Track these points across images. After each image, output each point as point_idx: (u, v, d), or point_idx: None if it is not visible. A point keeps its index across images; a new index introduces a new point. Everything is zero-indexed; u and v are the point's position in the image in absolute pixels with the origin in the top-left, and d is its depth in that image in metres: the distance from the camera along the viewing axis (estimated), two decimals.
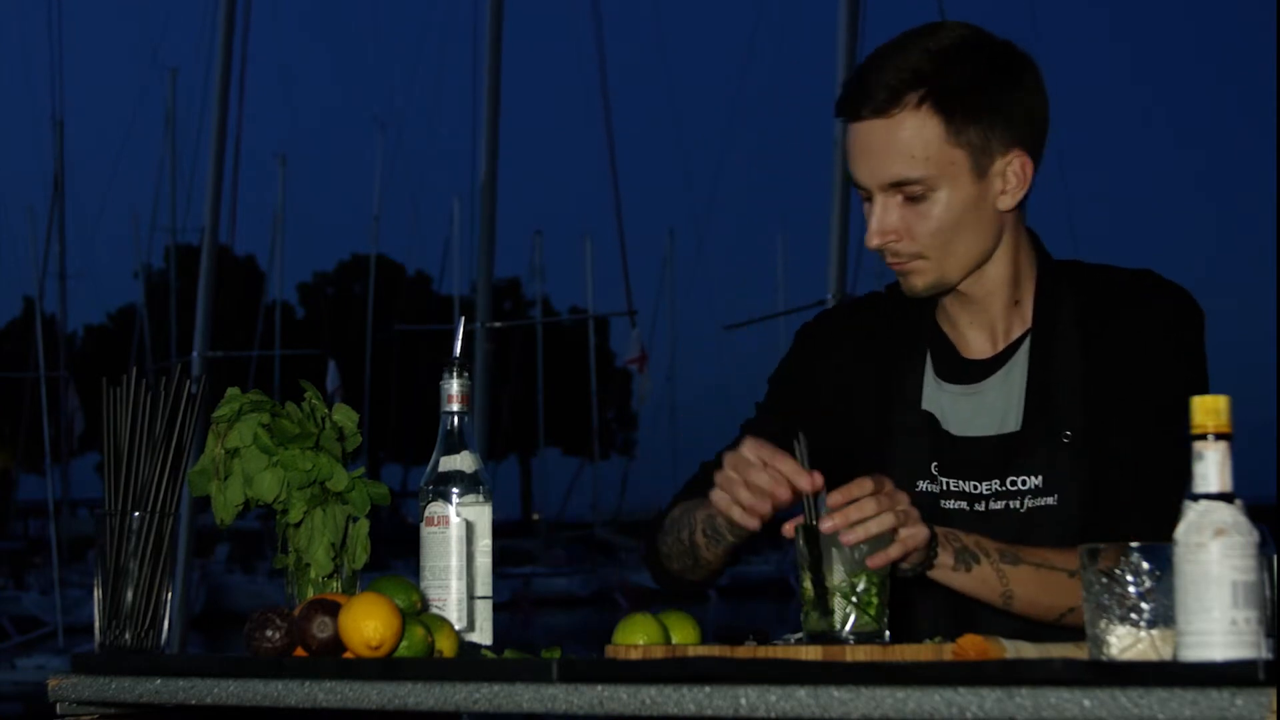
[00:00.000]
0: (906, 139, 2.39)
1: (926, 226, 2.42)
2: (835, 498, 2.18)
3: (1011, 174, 2.44)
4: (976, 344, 2.53)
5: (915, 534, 2.21)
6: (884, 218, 2.43)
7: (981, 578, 2.33)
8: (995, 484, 2.47)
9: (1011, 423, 2.48)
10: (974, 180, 2.42)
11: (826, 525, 2.15)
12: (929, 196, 2.41)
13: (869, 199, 2.45)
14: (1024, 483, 2.45)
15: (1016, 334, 2.51)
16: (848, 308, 2.73)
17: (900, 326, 2.59)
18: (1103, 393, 2.45)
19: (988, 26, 2.49)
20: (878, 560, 2.16)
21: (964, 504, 2.48)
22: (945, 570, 2.32)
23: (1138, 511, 2.36)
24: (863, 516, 2.16)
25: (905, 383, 2.55)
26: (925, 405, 2.53)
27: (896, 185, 2.41)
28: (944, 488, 2.49)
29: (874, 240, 2.44)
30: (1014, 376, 2.49)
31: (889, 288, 2.62)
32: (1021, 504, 2.45)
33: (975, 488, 2.48)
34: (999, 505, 2.46)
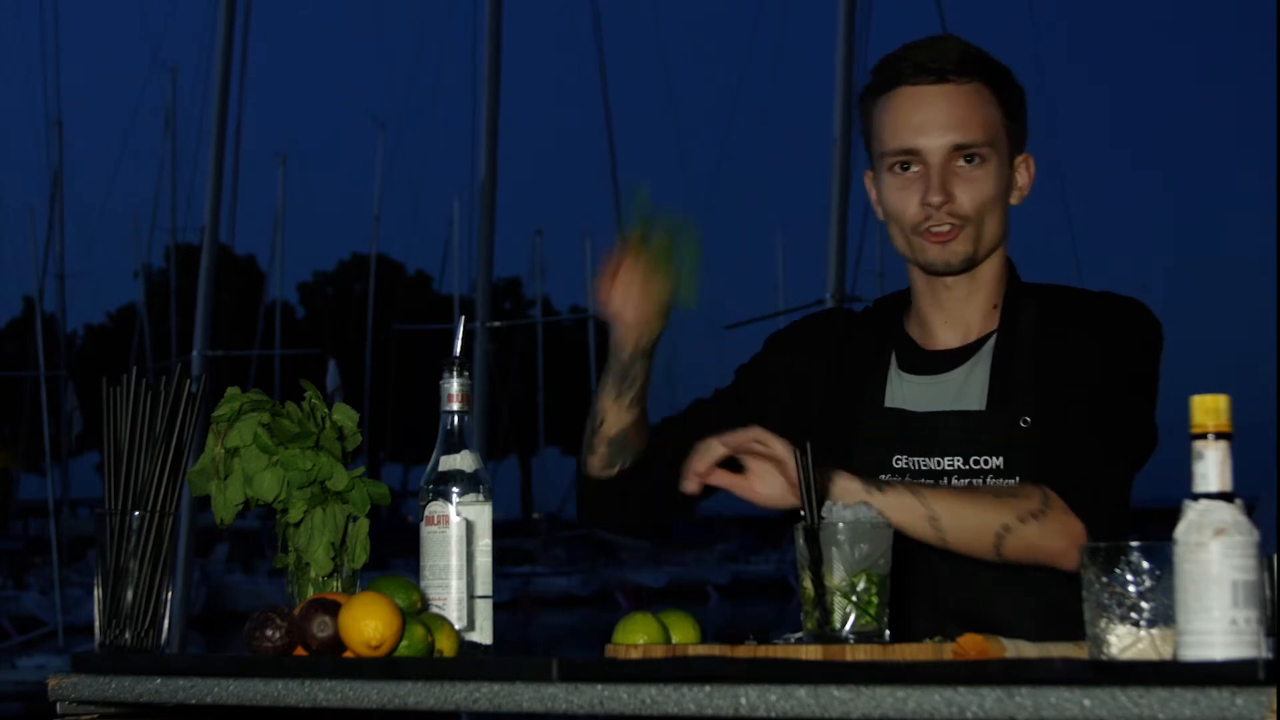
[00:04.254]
0: (976, 106, 2.53)
1: (975, 192, 2.53)
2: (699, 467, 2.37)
3: (1024, 172, 2.60)
4: (944, 340, 2.61)
5: (764, 437, 2.33)
6: (945, 178, 2.52)
7: (899, 500, 2.35)
8: (958, 461, 2.52)
9: (974, 404, 2.54)
10: (1008, 165, 2.56)
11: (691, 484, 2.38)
12: (982, 166, 2.53)
13: (908, 166, 2.53)
14: (985, 462, 2.50)
15: (987, 332, 2.59)
16: (818, 316, 2.82)
17: (868, 333, 2.68)
18: (1049, 385, 2.51)
19: (986, 36, 2.61)
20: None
21: (931, 482, 2.52)
22: (854, 490, 2.33)
23: (1057, 477, 2.42)
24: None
25: (869, 384, 2.62)
26: (889, 402, 2.60)
27: (960, 148, 2.52)
28: (913, 467, 2.54)
29: (936, 197, 2.51)
30: (978, 367, 2.57)
31: (877, 301, 2.73)
32: (984, 483, 2.49)
33: (939, 464, 2.53)
34: (962, 484, 2.50)
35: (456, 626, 2.25)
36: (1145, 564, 1.76)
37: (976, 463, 2.50)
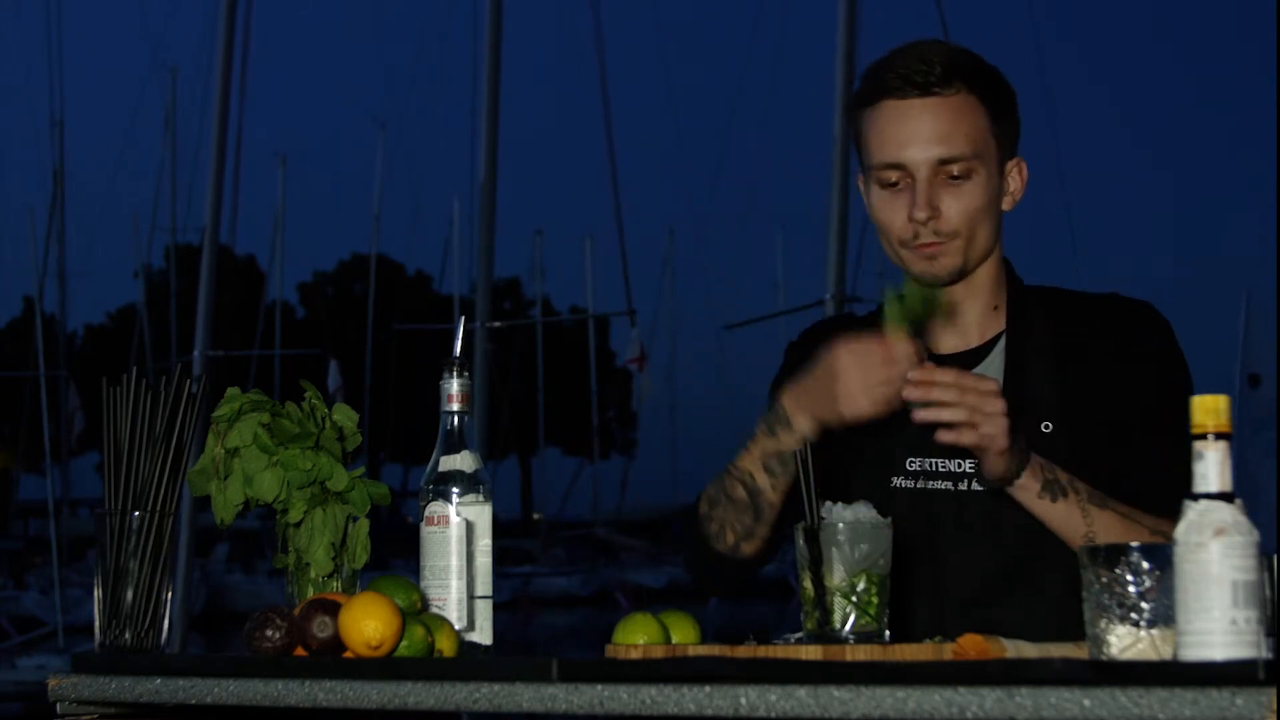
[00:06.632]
0: (961, 118, 2.48)
1: (962, 206, 2.49)
2: (917, 374, 2.32)
3: (1015, 177, 2.56)
4: (948, 345, 2.60)
5: (990, 433, 2.32)
6: (931, 193, 2.48)
7: (1066, 513, 2.40)
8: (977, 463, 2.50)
9: None
10: (998, 173, 2.53)
11: (908, 393, 2.33)
12: (970, 178, 2.49)
13: (897, 182, 2.50)
14: None
15: (991, 334, 2.58)
16: (828, 321, 2.79)
17: (876, 335, 2.63)
18: (1103, 401, 2.51)
19: (986, 36, 2.61)
20: (946, 436, 2.31)
21: (949, 484, 2.53)
22: (1030, 495, 2.40)
23: (1161, 506, 2.41)
24: (940, 399, 2.31)
25: None
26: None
27: (945, 162, 2.47)
28: (928, 469, 2.54)
29: (921, 213, 2.47)
30: (991, 369, 2.55)
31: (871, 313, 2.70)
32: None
33: (959, 465, 2.52)
34: (981, 486, 2.48)
35: (456, 626, 2.25)
36: (1145, 564, 1.76)
37: None
